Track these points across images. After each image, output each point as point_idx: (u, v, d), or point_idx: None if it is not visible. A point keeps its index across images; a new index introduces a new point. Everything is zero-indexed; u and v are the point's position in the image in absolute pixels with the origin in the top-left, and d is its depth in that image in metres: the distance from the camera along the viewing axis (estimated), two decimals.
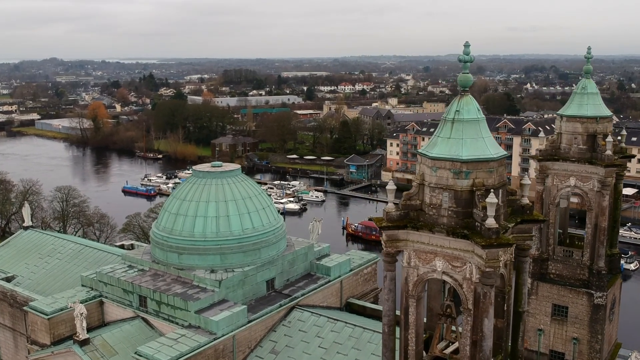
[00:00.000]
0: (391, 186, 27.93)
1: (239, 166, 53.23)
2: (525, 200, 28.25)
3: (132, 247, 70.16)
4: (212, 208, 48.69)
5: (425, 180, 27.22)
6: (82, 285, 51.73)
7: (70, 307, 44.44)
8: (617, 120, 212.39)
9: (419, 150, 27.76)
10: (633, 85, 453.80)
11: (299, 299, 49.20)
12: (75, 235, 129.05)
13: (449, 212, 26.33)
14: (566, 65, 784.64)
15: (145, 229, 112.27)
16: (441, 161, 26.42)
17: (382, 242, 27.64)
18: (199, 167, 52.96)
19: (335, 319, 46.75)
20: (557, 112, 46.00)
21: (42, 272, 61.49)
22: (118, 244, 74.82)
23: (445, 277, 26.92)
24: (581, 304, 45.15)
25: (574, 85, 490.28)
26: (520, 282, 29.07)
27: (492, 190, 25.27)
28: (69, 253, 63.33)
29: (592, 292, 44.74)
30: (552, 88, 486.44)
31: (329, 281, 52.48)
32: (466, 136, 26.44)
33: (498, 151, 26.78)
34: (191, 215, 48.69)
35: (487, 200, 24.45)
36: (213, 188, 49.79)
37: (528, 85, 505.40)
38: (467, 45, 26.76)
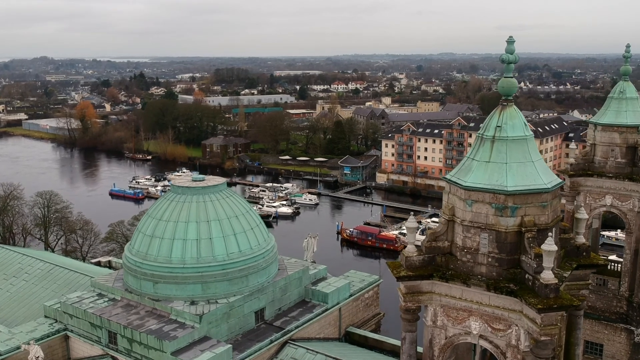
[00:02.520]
0: (412, 224, 21.45)
1: (223, 180, 46.95)
2: (581, 239, 22.18)
3: (109, 264, 64.04)
4: (193, 229, 42.46)
5: (456, 216, 20.96)
6: (46, 317, 45.42)
7: (24, 349, 37.95)
8: None
9: (447, 177, 21.50)
10: None
11: (292, 332, 43.21)
12: (57, 242, 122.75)
13: (489, 259, 20.18)
14: (558, 63, 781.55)
15: (129, 238, 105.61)
16: (479, 192, 20.14)
17: (400, 294, 21.50)
18: (178, 181, 46.54)
19: (334, 358, 40.71)
20: (591, 120, 39.97)
21: (6, 296, 55.31)
22: (94, 261, 68.48)
23: (482, 343, 20.80)
24: (619, 341, 39.12)
25: (567, 84, 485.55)
26: (572, 341, 23.02)
27: (547, 231, 19.17)
28: (37, 274, 57.15)
29: (631, 328, 38.72)
30: (547, 87, 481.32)
31: (327, 309, 46.60)
32: (511, 160, 20.17)
33: (552, 179, 20.50)
34: (168, 237, 42.44)
35: (544, 247, 18.34)
36: (194, 206, 43.53)
37: (522, 84, 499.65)
38: (510, 42, 20.35)
